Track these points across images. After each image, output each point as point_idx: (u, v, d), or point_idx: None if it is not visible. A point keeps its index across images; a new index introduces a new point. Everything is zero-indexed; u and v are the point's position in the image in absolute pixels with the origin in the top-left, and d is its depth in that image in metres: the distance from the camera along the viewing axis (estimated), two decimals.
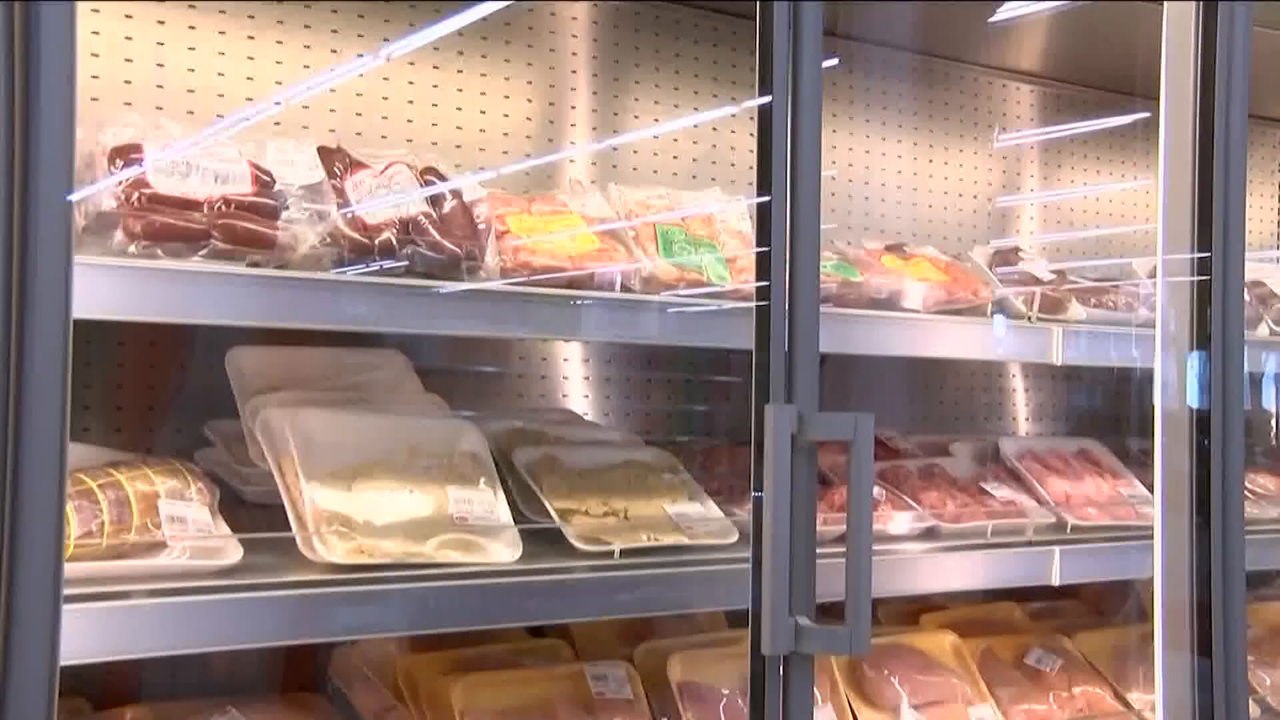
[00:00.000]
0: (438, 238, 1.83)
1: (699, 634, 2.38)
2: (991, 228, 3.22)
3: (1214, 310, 2.04)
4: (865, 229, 2.94)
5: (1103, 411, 3.37)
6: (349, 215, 1.78)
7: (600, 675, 2.09)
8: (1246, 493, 2.13)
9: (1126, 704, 2.55)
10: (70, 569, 1.42)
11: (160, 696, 2.09)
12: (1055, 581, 2.26)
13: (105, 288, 1.47)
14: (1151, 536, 2.11)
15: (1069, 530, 2.39)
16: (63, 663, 1.21)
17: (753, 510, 1.62)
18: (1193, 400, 2.07)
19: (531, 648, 2.25)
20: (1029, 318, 2.42)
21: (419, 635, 2.18)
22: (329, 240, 1.75)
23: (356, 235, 1.77)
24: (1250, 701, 2.12)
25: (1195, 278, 2.06)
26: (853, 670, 2.37)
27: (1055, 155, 3.37)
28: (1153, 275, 2.33)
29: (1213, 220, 2.03)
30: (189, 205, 1.64)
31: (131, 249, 1.57)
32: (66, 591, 1.22)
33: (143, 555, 1.59)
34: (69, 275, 1.17)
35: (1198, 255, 2.06)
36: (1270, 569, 2.79)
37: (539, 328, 1.91)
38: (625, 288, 2.00)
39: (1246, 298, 2.13)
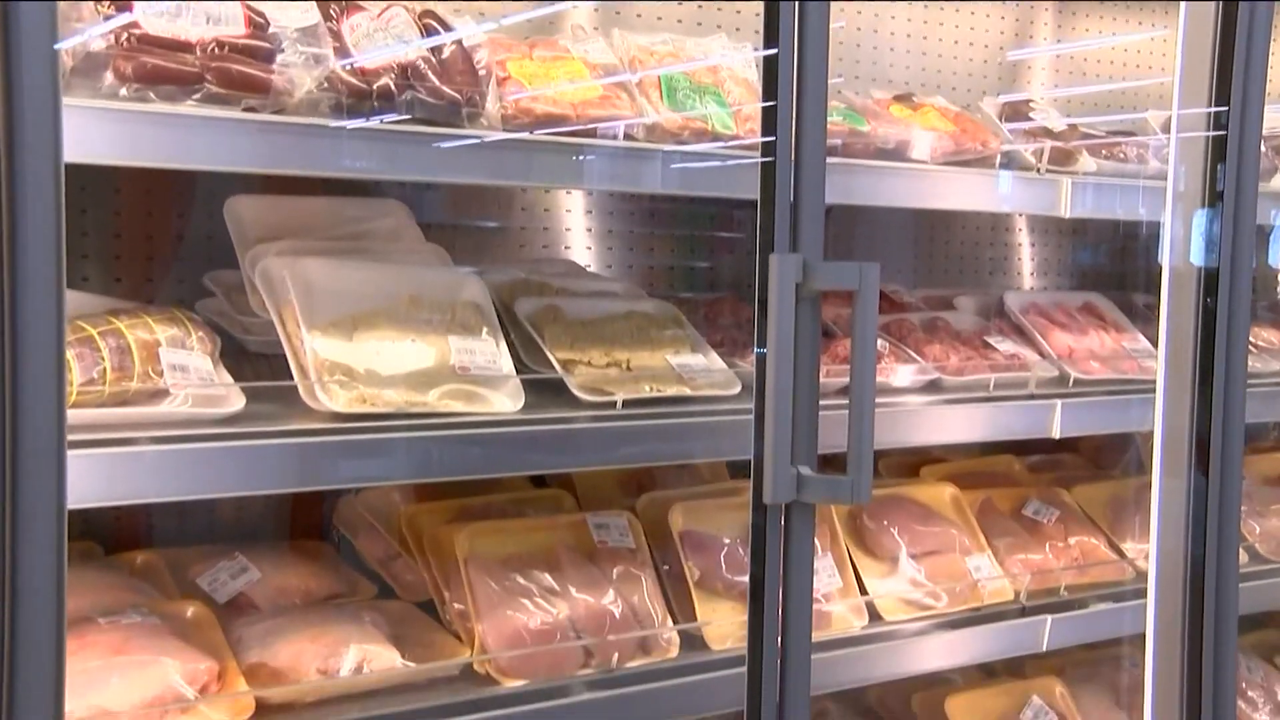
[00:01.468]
0: (437, 83, 1.79)
1: (701, 485, 2.40)
2: (1002, 80, 3.15)
3: (1229, 168, 2.00)
4: (873, 80, 2.88)
5: (1108, 268, 3.35)
6: (347, 60, 1.74)
7: (602, 524, 2.12)
8: (1249, 347, 2.13)
9: (1120, 553, 2.59)
10: (74, 415, 1.42)
11: (169, 543, 2.12)
12: (1056, 434, 2.27)
13: (96, 131, 1.45)
14: (1153, 390, 2.11)
15: (1071, 384, 2.40)
16: (70, 506, 1.22)
17: (756, 362, 1.62)
18: (1199, 258, 2.05)
19: (534, 498, 2.28)
20: (1038, 169, 2.38)
21: (423, 485, 2.20)
22: (326, 85, 1.71)
23: (354, 80, 1.73)
24: (1239, 550, 2.14)
25: (1210, 133, 2.02)
26: (852, 521, 2.40)
27: (1070, 4, 3.28)
28: (1167, 129, 2.28)
29: (1232, 73, 1.98)
30: (181, 47, 1.59)
31: (122, 91, 1.53)
32: (71, 438, 1.22)
33: (145, 403, 1.60)
34: (57, 116, 1.14)
35: (1214, 110, 2.01)
36: (1267, 421, 2.81)
37: (541, 177, 1.89)
38: (629, 137, 1.96)
39: (1262, 149, 2.09)
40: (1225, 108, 1.99)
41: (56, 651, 1.18)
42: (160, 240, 2.16)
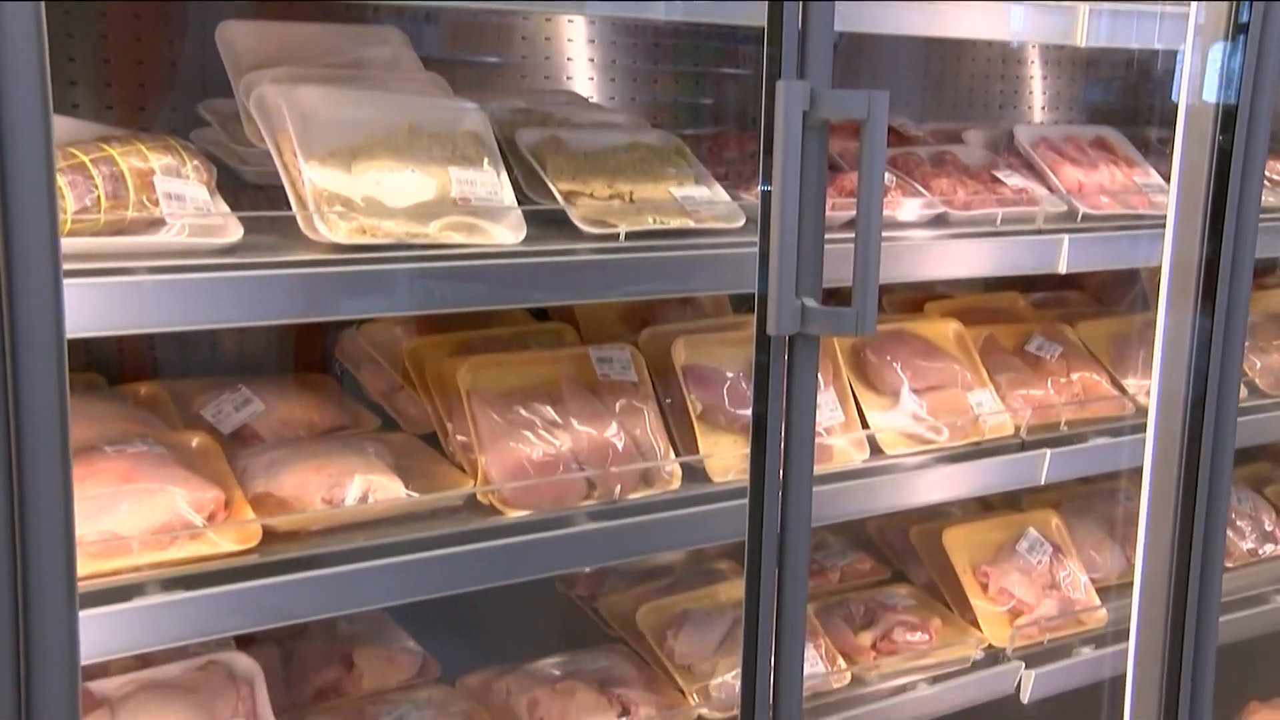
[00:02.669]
0: None
1: (703, 319, 2.40)
2: None
3: None
4: None
5: (1120, 105, 3.28)
6: None
7: (605, 358, 2.12)
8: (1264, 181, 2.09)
9: (1122, 389, 2.60)
10: (68, 244, 1.41)
11: (172, 375, 2.13)
12: (1063, 269, 2.25)
13: None
14: (1163, 226, 2.08)
15: (1079, 219, 2.37)
16: (70, 335, 1.21)
17: (761, 194, 1.59)
18: (1215, 94, 2.00)
19: (536, 331, 2.27)
20: None
21: (425, 319, 2.20)
22: None
23: None
24: (1239, 384, 2.15)
25: None
26: (855, 356, 2.40)
27: None
28: None
29: None
30: None
31: None
32: (67, 267, 1.20)
33: (142, 233, 1.57)
34: None
35: None
36: (1276, 257, 2.79)
37: None
38: None
39: None
40: None
41: (63, 476, 1.19)
42: (151, 67, 2.11)
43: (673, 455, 2.06)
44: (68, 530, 1.20)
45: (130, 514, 1.60)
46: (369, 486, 1.80)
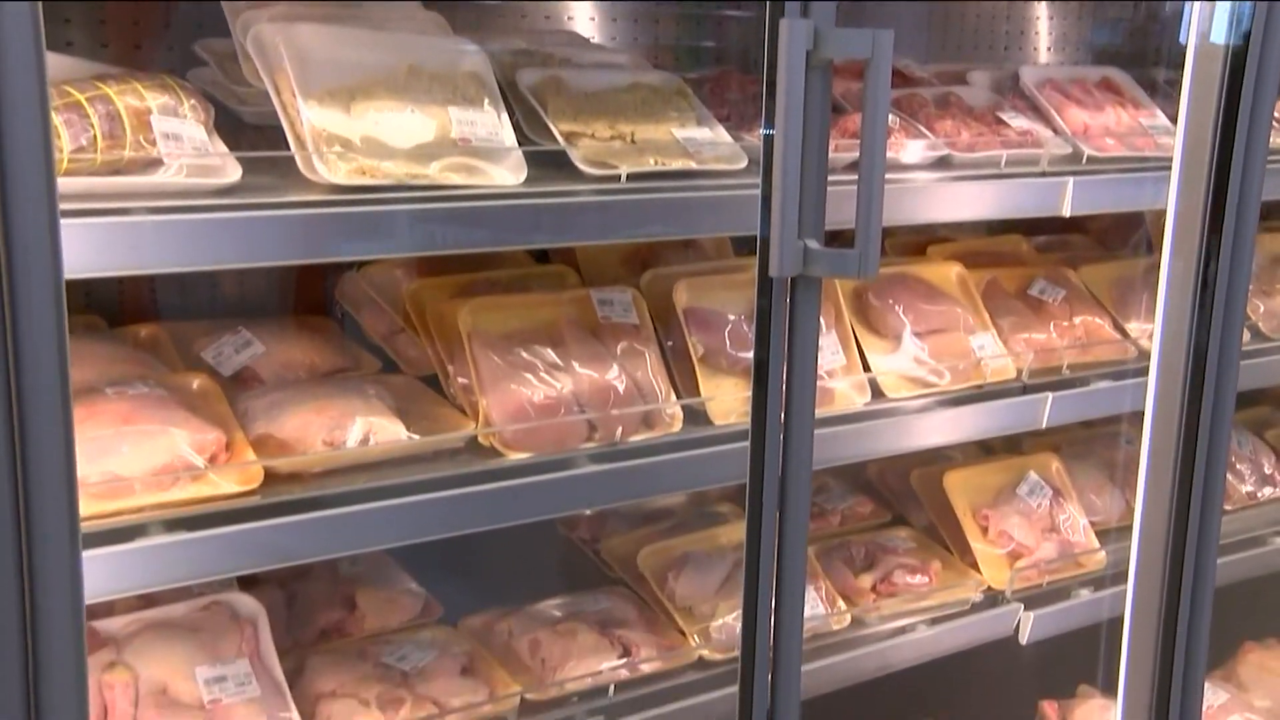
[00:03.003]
0: None
1: (705, 261, 2.39)
2: None
3: None
4: None
5: (1127, 47, 3.25)
6: None
7: (606, 300, 2.11)
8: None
9: (1124, 333, 2.59)
10: (65, 184, 1.40)
11: (172, 317, 2.12)
12: (1067, 212, 2.23)
13: None
14: (1169, 168, 2.07)
15: (1084, 161, 2.35)
16: (68, 276, 1.20)
17: (764, 136, 1.57)
18: (1223, 35, 1.97)
19: (537, 274, 2.26)
20: None
21: (425, 261, 2.19)
22: None
23: None
24: (1242, 328, 2.14)
25: None
26: (857, 300, 2.39)
27: None
28: None
29: None
30: None
31: None
32: (64, 206, 1.19)
33: (139, 173, 1.56)
34: None
35: None
36: None
37: None
38: None
39: None
40: None
41: (64, 417, 1.19)
42: (147, 5, 2.08)
43: (674, 398, 2.06)
44: (69, 471, 1.20)
45: (132, 455, 1.60)
46: (370, 428, 1.80)
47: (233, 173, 1.63)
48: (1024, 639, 2.42)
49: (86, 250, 1.41)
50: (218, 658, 1.81)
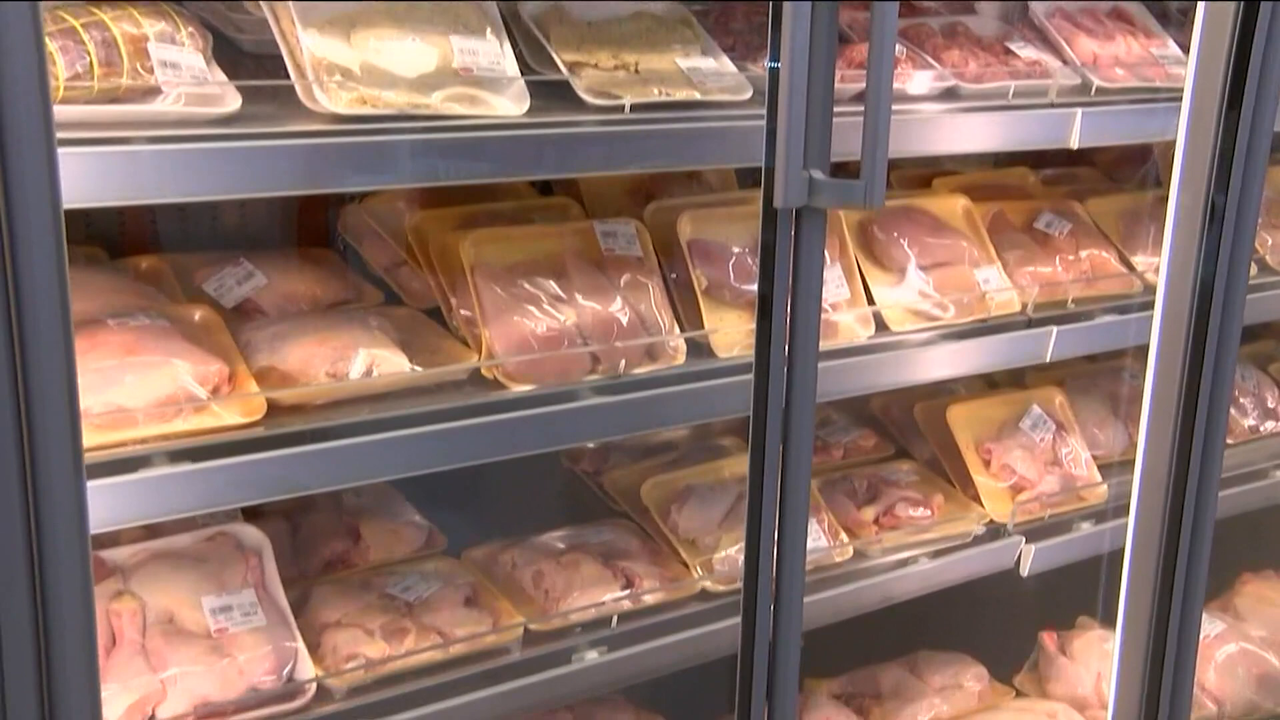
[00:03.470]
0: None
1: (709, 194, 2.37)
2: None
3: None
4: None
5: None
6: None
7: (610, 232, 2.10)
8: None
9: (1130, 267, 2.58)
10: (62, 112, 1.38)
11: (174, 249, 2.11)
12: (1075, 144, 2.21)
13: None
14: (1179, 99, 2.04)
15: (1093, 92, 2.32)
16: (67, 206, 1.19)
17: (769, 68, 1.55)
18: None
19: (541, 205, 2.25)
20: None
21: (428, 192, 2.17)
22: None
23: None
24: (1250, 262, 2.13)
25: None
26: (862, 233, 2.38)
27: None
28: None
29: None
30: None
31: None
32: (61, 135, 1.18)
33: (137, 101, 1.54)
34: None
35: None
36: None
37: None
38: None
39: None
40: None
41: (65, 348, 1.18)
42: None
43: (677, 330, 2.06)
44: (72, 401, 1.20)
45: (134, 386, 1.60)
46: (373, 360, 1.80)
47: (232, 102, 1.61)
48: (1025, 571, 2.43)
49: (85, 180, 1.40)
50: (223, 587, 1.82)
